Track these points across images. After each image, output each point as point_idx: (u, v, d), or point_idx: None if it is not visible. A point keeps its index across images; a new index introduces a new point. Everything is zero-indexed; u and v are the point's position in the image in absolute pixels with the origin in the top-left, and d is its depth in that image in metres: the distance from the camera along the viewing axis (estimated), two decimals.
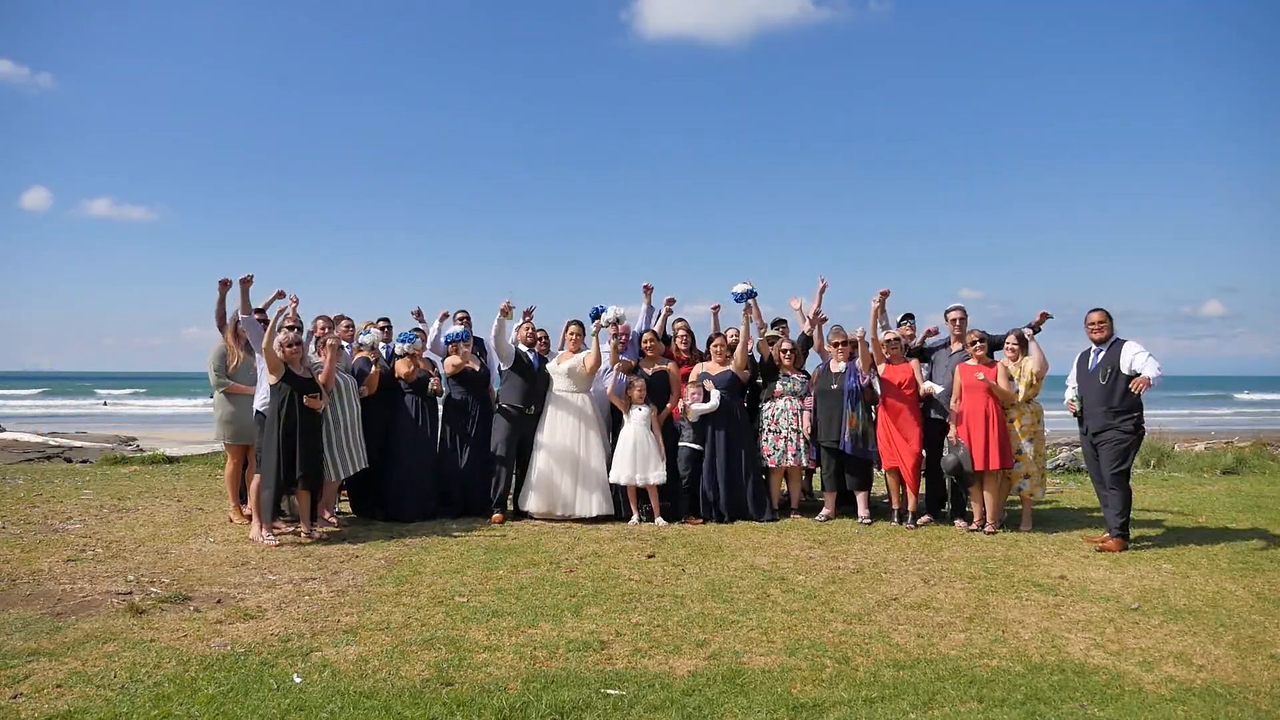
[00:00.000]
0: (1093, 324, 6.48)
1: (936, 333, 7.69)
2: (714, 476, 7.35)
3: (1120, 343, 6.34)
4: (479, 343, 7.76)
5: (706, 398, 7.32)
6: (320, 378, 6.47)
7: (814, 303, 7.95)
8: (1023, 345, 7.00)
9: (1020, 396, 6.88)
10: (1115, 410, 6.24)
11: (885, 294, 7.32)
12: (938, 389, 7.10)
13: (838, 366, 7.38)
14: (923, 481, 7.59)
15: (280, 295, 6.90)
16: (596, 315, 7.49)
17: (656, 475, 7.18)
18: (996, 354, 7.14)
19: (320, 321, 7.41)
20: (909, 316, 8.01)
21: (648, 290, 8.09)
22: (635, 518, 7.31)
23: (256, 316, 6.88)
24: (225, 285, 6.87)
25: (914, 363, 7.25)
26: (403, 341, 7.41)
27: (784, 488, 7.78)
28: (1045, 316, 7.09)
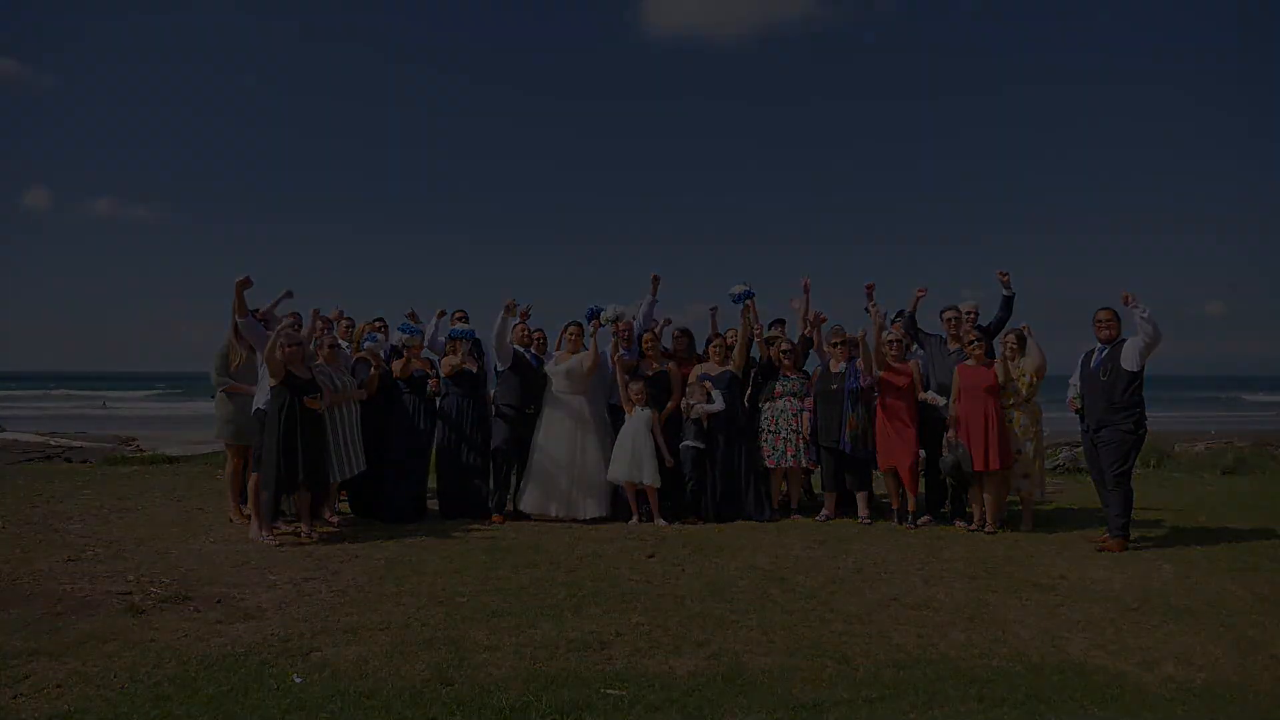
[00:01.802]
0: (1101, 321, 6.46)
1: (925, 292, 7.71)
2: (714, 476, 7.34)
3: (1123, 341, 6.34)
4: (476, 344, 7.73)
5: (710, 399, 7.31)
6: (326, 390, 6.48)
7: (804, 304, 7.95)
8: (1021, 345, 7.00)
9: (1021, 394, 6.89)
10: (1115, 406, 6.24)
11: (871, 286, 7.39)
12: (940, 401, 7.09)
13: (837, 367, 7.38)
14: (923, 481, 7.58)
15: (289, 295, 6.94)
16: (594, 315, 7.46)
17: (651, 477, 7.18)
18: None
19: (320, 323, 7.41)
20: (901, 314, 8.01)
21: (655, 280, 8.01)
22: (635, 518, 7.31)
23: (259, 317, 6.88)
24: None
25: (914, 364, 7.26)
26: (403, 332, 7.36)
27: (784, 488, 7.78)
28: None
